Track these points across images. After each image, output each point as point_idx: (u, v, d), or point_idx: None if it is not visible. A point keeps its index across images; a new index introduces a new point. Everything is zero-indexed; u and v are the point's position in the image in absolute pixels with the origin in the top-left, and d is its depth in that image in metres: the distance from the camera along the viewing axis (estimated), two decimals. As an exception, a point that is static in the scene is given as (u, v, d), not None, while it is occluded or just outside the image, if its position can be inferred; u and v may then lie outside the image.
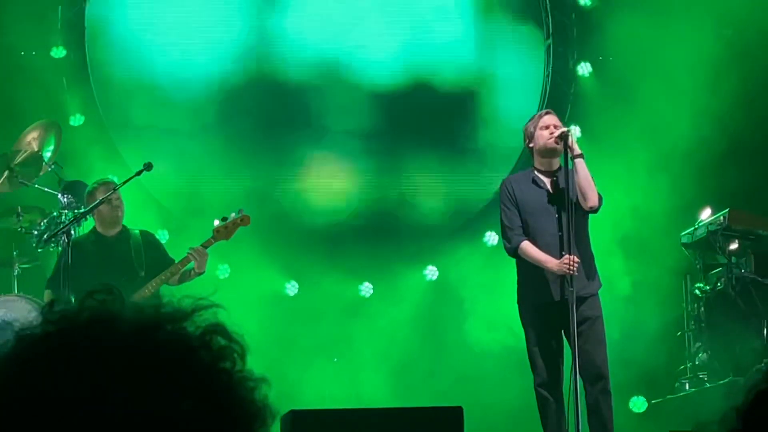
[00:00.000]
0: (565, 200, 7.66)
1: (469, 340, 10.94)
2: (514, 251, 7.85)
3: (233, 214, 8.78)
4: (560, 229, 7.74)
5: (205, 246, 8.62)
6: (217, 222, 8.75)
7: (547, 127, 7.85)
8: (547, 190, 7.85)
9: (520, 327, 7.91)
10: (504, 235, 7.96)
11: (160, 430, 1.28)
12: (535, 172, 7.94)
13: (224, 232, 8.71)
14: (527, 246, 7.78)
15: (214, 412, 1.31)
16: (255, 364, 1.39)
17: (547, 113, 8.06)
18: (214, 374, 1.34)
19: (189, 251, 8.60)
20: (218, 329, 1.36)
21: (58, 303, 1.37)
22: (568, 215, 7.61)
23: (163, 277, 8.59)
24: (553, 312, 7.66)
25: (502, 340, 10.41)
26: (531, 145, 7.97)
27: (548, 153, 7.86)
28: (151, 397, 1.29)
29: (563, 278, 7.60)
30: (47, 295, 8.79)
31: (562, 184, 7.75)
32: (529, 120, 8.08)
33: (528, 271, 7.80)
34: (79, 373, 1.29)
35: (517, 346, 8.32)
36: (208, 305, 1.38)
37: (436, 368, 10.88)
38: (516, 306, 7.95)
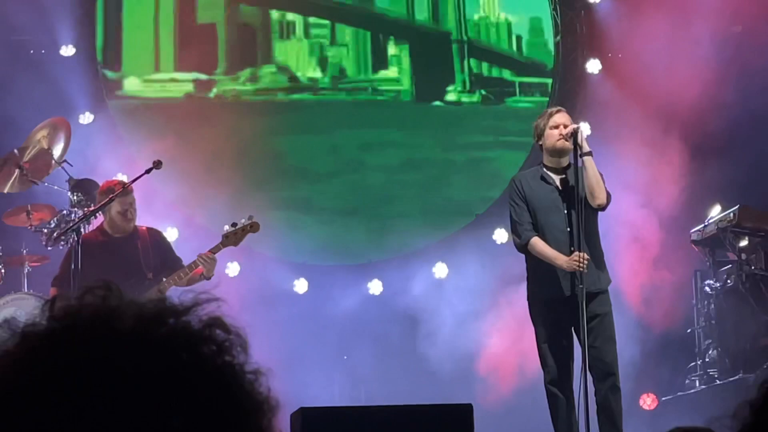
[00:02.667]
0: (574, 197, 7.64)
1: (479, 338, 10.93)
2: (523, 247, 7.83)
3: (243, 220, 8.77)
4: (569, 225, 7.73)
5: (213, 251, 8.61)
6: (226, 227, 8.74)
7: (557, 127, 7.81)
8: (556, 187, 7.85)
9: (530, 324, 7.90)
10: (514, 230, 7.94)
11: (166, 424, 1.28)
12: (544, 169, 7.92)
13: (233, 238, 8.70)
14: (537, 242, 7.76)
15: (219, 405, 1.31)
16: (264, 362, 1.39)
17: (558, 111, 7.98)
18: (218, 367, 1.34)
19: (198, 257, 8.58)
20: (220, 322, 1.36)
21: (60, 299, 1.37)
22: (578, 211, 7.60)
23: (171, 281, 8.57)
24: (562, 308, 7.65)
25: (511, 338, 10.40)
26: (540, 142, 7.94)
27: (557, 152, 7.85)
28: (157, 392, 1.29)
29: (573, 274, 7.60)
30: (52, 293, 8.77)
31: (571, 181, 7.74)
32: (539, 116, 8.04)
33: (537, 267, 7.79)
34: (85, 369, 1.29)
35: (527, 343, 8.31)
36: (210, 299, 1.38)
37: (446, 366, 10.88)
38: (525, 302, 7.94)
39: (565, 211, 7.78)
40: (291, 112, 11.85)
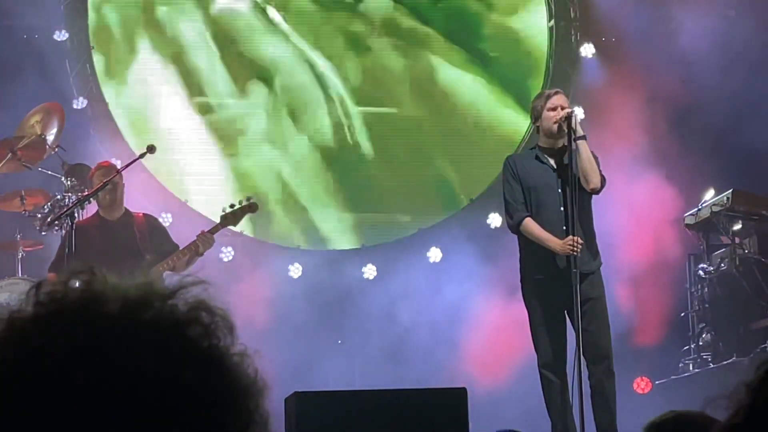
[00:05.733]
0: (568, 177, 7.65)
1: (473, 322, 10.94)
2: (516, 227, 7.84)
3: (241, 201, 8.78)
4: (563, 204, 7.73)
5: (212, 232, 8.61)
6: (225, 208, 8.75)
7: (554, 109, 7.81)
8: (551, 167, 7.85)
9: (524, 308, 7.91)
10: (507, 211, 7.95)
11: (154, 408, 1.28)
12: (539, 150, 7.94)
13: (232, 219, 8.71)
14: (530, 223, 7.77)
15: (206, 387, 1.31)
16: (258, 347, 1.39)
17: (555, 93, 7.98)
18: (205, 350, 1.34)
19: (197, 237, 8.58)
20: (205, 305, 1.36)
21: (46, 284, 1.36)
22: (572, 192, 7.60)
23: (170, 263, 8.57)
24: (555, 289, 7.65)
25: (505, 323, 10.41)
26: (537, 124, 7.95)
27: (554, 135, 7.86)
28: (144, 376, 1.29)
29: (566, 255, 7.61)
30: (50, 278, 8.71)
31: (566, 162, 7.74)
32: (537, 98, 8.03)
33: (530, 248, 7.80)
34: (71, 353, 1.29)
35: (521, 327, 8.31)
36: (195, 282, 1.38)
37: (441, 350, 10.89)
38: (519, 287, 7.94)
39: (560, 191, 7.78)
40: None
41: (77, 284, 1.36)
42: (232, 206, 8.75)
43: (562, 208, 7.75)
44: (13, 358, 1.31)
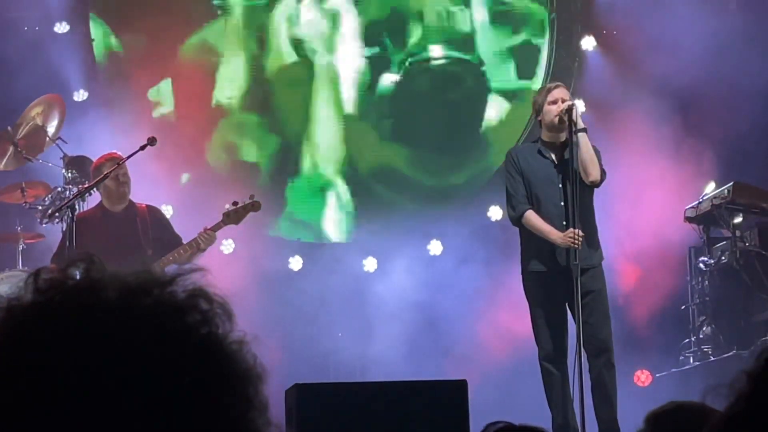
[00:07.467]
0: (569, 172, 7.65)
1: (473, 314, 10.94)
2: (518, 220, 7.85)
3: (244, 199, 8.74)
4: (564, 199, 7.74)
5: (214, 229, 8.57)
6: (227, 206, 8.71)
7: (555, 102, 7.82)
8: (552, 162, 7.86)
9: (524, 300, 7.91)
10: (509, 203, 7.97)
11: (152, 394, 1.28)
12: (541, 144, 7.94)
13: (234, 217, 8.67)
14: (531, 215, 7.78)
15: (205, 374, 1.32)
16: (258, 338, 1.40)
17: (556, 87, 7.99)
18: (203, 336, 1.34)
19: (198, 235, 8.54)
20: (203, 292, 1.36)
21: (44, 271, 1.37)
22: (573, 186, 7.61)
23: (171, 258, 8.54)
24: (556, 282, 7.66)
25: (505, 315, 10.42)
26: (539, 118, 7.95)
27: (556, 128, 7.86)
28: (143, 362, 1.29)
29: (566, 248, 7.62)
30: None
31: (567, 156, 7.75)
32: (538, 93, 8.05)
33: (531, 240, 7.81)
34: (70, 340, 1.29)
35: (521, 319, 8.32)
36: (194, 269, 1.38)
37: (440, 343, 10.89)
38: (519, 279, 7.95)
39: (560, 185, 7.79)
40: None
41: (76, 272, 1.36)
42: (234, 204, 8.71)
43: (562, 203, 7.75)
44: (12, 345, 1.31)
